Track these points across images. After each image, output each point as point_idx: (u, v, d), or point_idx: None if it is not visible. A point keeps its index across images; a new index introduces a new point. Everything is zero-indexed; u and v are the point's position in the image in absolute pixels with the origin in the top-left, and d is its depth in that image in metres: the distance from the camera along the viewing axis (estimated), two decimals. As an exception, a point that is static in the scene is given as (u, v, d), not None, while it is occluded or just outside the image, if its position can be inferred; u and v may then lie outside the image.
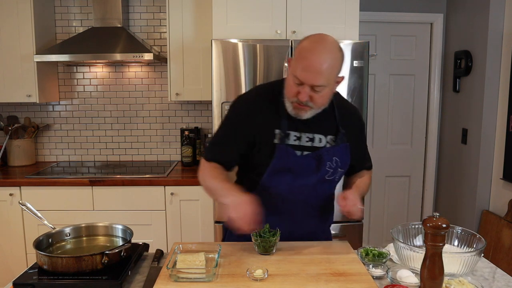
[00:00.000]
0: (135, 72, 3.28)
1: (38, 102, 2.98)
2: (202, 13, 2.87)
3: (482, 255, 1.36)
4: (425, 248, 1.10)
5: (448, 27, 3.44)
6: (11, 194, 2.74)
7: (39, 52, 2.88)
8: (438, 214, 1.09)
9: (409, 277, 1.22)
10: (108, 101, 3.31)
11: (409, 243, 1.42)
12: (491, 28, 2.87)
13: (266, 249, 1.39)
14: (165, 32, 3.07)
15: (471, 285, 1.16)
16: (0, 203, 2.75)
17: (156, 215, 2.79)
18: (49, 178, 2.80)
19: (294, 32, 2.64)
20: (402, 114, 3.59)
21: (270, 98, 1.50)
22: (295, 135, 1.48)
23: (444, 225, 1.06)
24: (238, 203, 1.35)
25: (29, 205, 1.51)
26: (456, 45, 3.31)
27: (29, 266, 1.31)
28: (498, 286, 1.26)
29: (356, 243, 2.59)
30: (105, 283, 1.20)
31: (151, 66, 3.28)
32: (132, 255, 1.37)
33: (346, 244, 1.50)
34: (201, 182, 1.53)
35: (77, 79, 3.29)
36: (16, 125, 3.15)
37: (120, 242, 1.45)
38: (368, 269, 1.31)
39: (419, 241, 1.44)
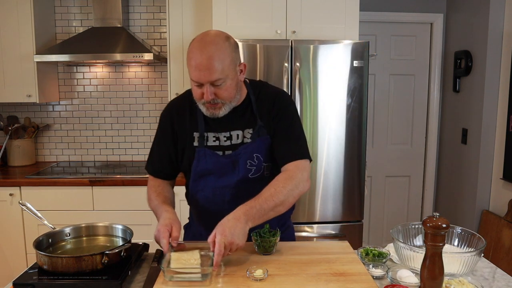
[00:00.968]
0: (135, 72, 3.28)
1: (38, 102, 2.98)
2: (202, 13, 2.87)
3: (482, 255, 1.36)
4: (425, 248, 1.10)
5: (448, 27, 3.44)
6: (11, 194, 2.74)
7: (39, 52, 2.88)
8: (438, 214, 1.09)
9: (409, 277, 1.22)
10: (108, 101, 3.31)
11: (409, 243, 1.42)
12: (491, 28, 2.87)
13: (266, 249, 1.39)
14: (165, 32, 3.07)
15: (471, 285, 1.16)
16: (0, 203, 2.75)
17: (156, 215, 2.79)
18: (49, 178, 2.80)
19: (294, 32, 2.64)
20: (402, 114, 3.59)
21: (185, 104, 1.51)
22: (214, 136, 1.47)
23: (444, 225, 1.06)
24: (160, 225, 1.33)
25: (29, 205, 1.51)
26: (456, 45, 3.31)
27: (29, 266, 1.31)
28: (498, 286, 1.26)
29: (356, 243, 2.59)
30: (105, 283, 1.20)
31: (151, 66, 3.28)
32: (132, 255, 1.37)
33: (346, 244, 1.50)
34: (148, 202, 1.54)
35: (77, 79, 3.29)
36: (16, 125, 3.15)
37: (120, 242, 1.45)
38: (368, 269, 1.31)
39: (419, 241, 1.44)
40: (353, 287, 1.18)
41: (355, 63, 2.55)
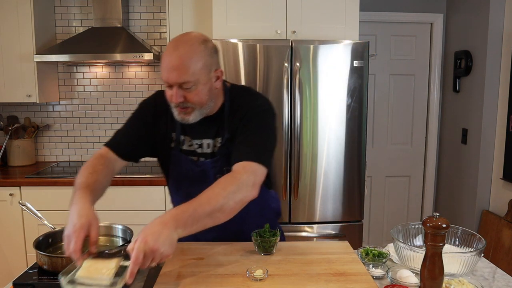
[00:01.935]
0: (135, 72, 3.28)
1: (38, 102, 2.98)
2: (202, 13, 2.87)
3: (482, 255, 1.36)
4: (425, 248, 1.10)
5: (448, 27, 3.44)
6: (11, 194, 2.74)
7: (39, 52, 2.88)
8: (438, 214, 1.09)
9: (409, 277, 1.22)
10: (108, 101, 3.31)
11: (409, 243, 1.42)
12: (491, 28, 2.87)
13: (266, 249, 1.39)
14: (165, 32, 3.07)
15: (471, 285, 1.16)
16: (0, 203, 2.75)
17: (156, 215, 2.74)
18: (49, 178, 2.80)
19: (294, 32, 2.64)
20: (402, 114, 3.59)
21: (168, 103, 1.40)
22: (189, 141, 1.44)
23: (444, 225, 1.06)
24: (72, 223, 1.12)
25: (29, 205, 1.51)
26: (456, 45, 3.31)
27: (29, 266, 1.31)
28: (498, 286, 1.26)
29: (356, 243, 2.59)
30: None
31: (151, 66, 3.28)
32: (132, 255, 1.36)
33: (346, 244, 1.50)
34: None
35: (77, 79, 3.29)
36: (16, 125, 3.15)
37: (120, 242, 1.45)
38: (368, 269, 1.31)
39: (419, 241, 1.44)
40: (353, 287, 1.18)
41: (355, 63, 2.55)
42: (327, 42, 2.54)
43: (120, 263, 1.09)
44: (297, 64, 2.52)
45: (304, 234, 2.68)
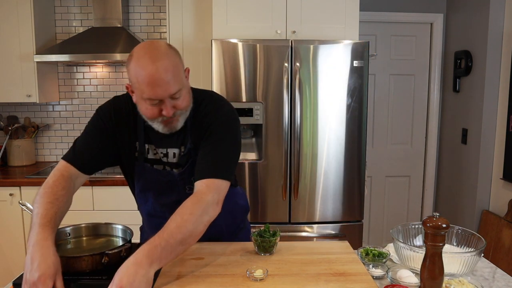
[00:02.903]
0: (135, 72, 3.28)
1: (38, 102, 2.98)
2: (202, 13, 2.88)
3: (482, 255, 1.36)
4: (425, 248, 1.10)
5: (448, 27, 3.44)
6: (11, 194, 2.74)
7: (39, 52, 2.88)
8: (438, 214, 1.09)
9: (409, 277, 1.22)
10: (108, 101, 3.31)
11: (409, 243, 1.42)
12: (491, 28, 2.87)
13: (266, 249, 1.39)
14: (165, 32, 3.07)
15: (471, 285, 1.16)
16: (0, 203, 2.75)
17: (156, 215, 2.79)
18: (49, 178, 2.79)
19: (294, 32, 2.65)
20: (402, 114, 3.59)
21: (129, 111, 1.38)
22: (154, 150, 1.39)
23: (444, 225, 1.06)
24: (32, 259, 1.08)
25: (29, 205, 1.51)
26: (456, 45, 3.31)
27: (29, 266, 1.31)
28: (498, 286, 1.26)
29: (356, 243, 2.59)
30: (105, 283, 1.20)
31: (151, 66, 3.27)
32: (132, 255, 1.36)
33: (346, 244, 1.50)
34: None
35: (77, 79, 3.29)
36: (16, 125, 3.15)
37: (120, 242, 1.45)
38: (368, 269, 1.31)
39: (419, 241, 1.44)
40: (353, 287, 1.18)
41: (355, 63, 2.55)
42: (327, 42, 2.54)
43: None
44: (297, 64, 2.52)
45: (304, 234, 2.68)
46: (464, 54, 3.13)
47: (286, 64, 2.53)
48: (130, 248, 1.35)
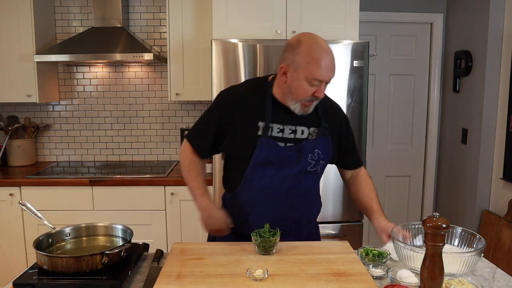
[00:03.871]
0: (135, 72, 3.28)
1: (38, 102, 2.98)
2: (202, 13, 2.87)
3: (482, 255, 1.36)
4: (425, 248, 1.10)
5: (448, 27, 3.44)
6: (11, 194, 2.74)
7: (39, 52, 2.88)
8: (438, 214, 1.09)
9: (409, 277, 1.22)
10: (108, 101, 3.31)
11: (409, 243, 1.42)
12: (491, 28, 2.87)
13: (266, 249, 1.39)
14: (165, 32, 3.07)
15: (471, 285, 1.16)
16: (0, 203, 2.75)
17: (156, 215, 2.80)
18: (49, 178, 2.80)
19: (294, 32, 2.64)
20: (402, 114, 3.59)
21: (257, 92, 1.56)
22: (278, 127, 1.53)
23: (444, 225, 1.06)
24: (208, 217, 1.54)
25: (29, 205, 1.51)
26: (456, 45, 3.31)
27: (29, 266, 1.31)
28: (498, 286, 1.26)
29: (356, 243, 2.59)
30: (105, 283, 1.20)
31: (151, 66, 3.28)
32: (132, 255, 1.37)
33: (346, 244, 1.50)
34: (181, 167, 1.65)
35: (77, 79, 3.29)
36: (16, 125, 3.15)
37: (120, 242, 1.45)
38: (368, 269, 1.31)
39: (419, 241, 1.44)
40: (353, 287, 1.18)
41: (355, 63, 2.55)
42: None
43: None
44: (297, 64, 2.52)
45: (304, 234, 2.67)
46: (464, 54, 3.13)
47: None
48: (130, 248, 1.35)
